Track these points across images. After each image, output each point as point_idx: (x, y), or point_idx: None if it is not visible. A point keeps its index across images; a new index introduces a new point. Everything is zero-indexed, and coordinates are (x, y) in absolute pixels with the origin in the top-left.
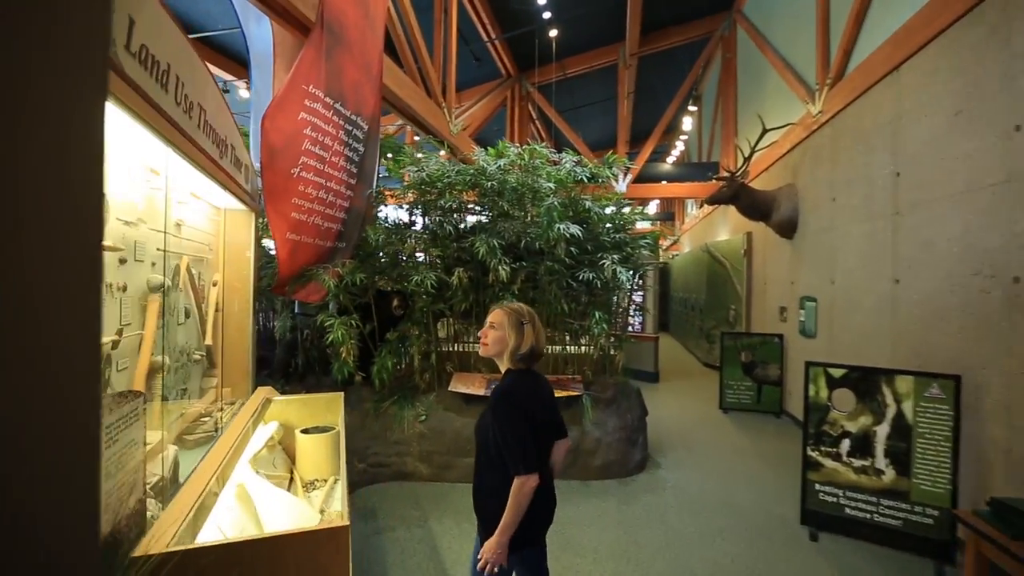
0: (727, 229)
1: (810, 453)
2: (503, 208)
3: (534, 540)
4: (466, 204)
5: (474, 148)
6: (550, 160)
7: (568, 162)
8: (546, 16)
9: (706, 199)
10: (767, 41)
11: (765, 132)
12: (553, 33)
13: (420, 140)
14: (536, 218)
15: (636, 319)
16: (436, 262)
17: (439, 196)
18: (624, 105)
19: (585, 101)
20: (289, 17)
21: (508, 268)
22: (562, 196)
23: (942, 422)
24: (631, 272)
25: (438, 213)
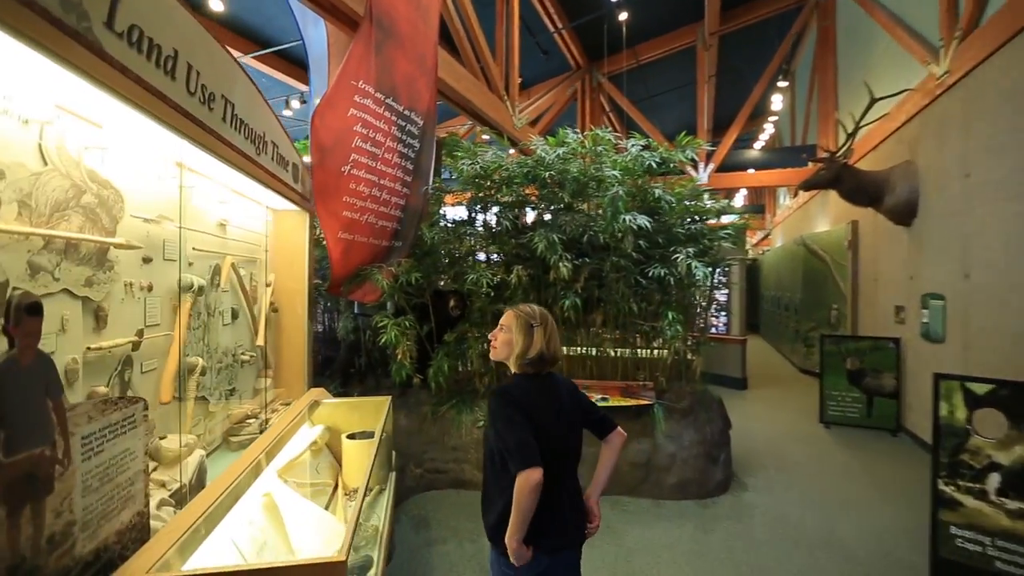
0: (827, 219)
1: (943, 487)
2: (564, 200)
3: (551, 548)
4: (527, 198)
5: (533, 140)
6: (616, 147)
7: (635, 147)
8: (615, 0)
9: (802, 184)
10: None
11: (874, 102)
12: (623, 18)
13: (490, 139)
14: (600, 210)
15: (720, 319)
16: (495, 260)
17: (496, 190)
18: (704, 90)
19: (660, 89)
20: (339, 14)
21: (570, 265)
22: (629, 185)
23: None
24: (710, 267)
25: (496, 208)
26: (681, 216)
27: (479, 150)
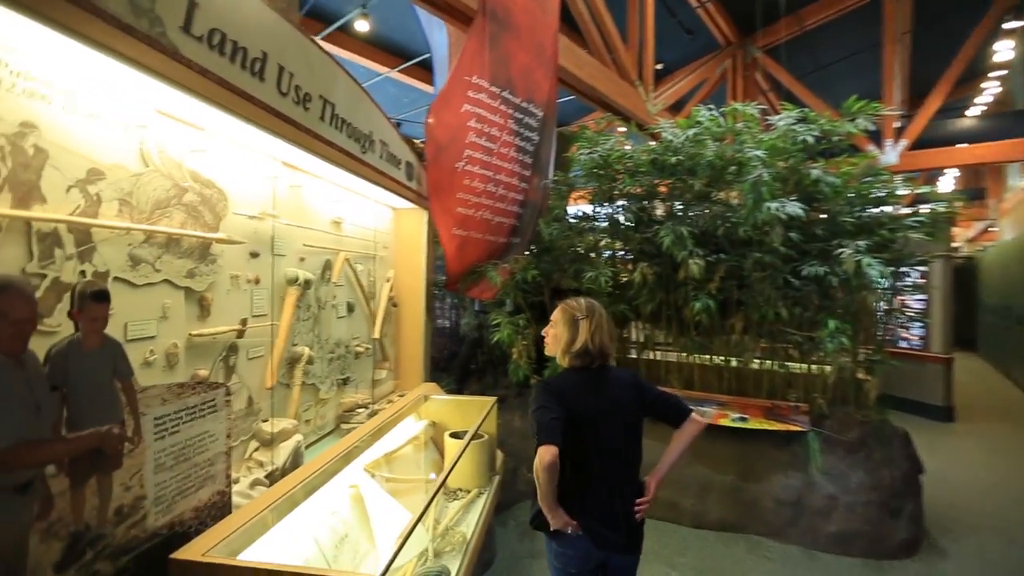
0: None
1: None
2: (695, 189)
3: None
4: (655, 189)
5: (660, 123)
6: (762, 123)
7: (785, 121)
8: None
9: None
10: None
11: None
12: None
13: (628, 131)
14: (741, 198)
15: (913, 332)
16: (617, 257)
17: (618, 181)
18: (892, 51)
19: (833, 57)
20: (455, 12)
21: (702, 262)
22: (780, 168)
23: None
24: (890, 265)
25: (621, 201)
26: (850, 202)
27: (600, 139)
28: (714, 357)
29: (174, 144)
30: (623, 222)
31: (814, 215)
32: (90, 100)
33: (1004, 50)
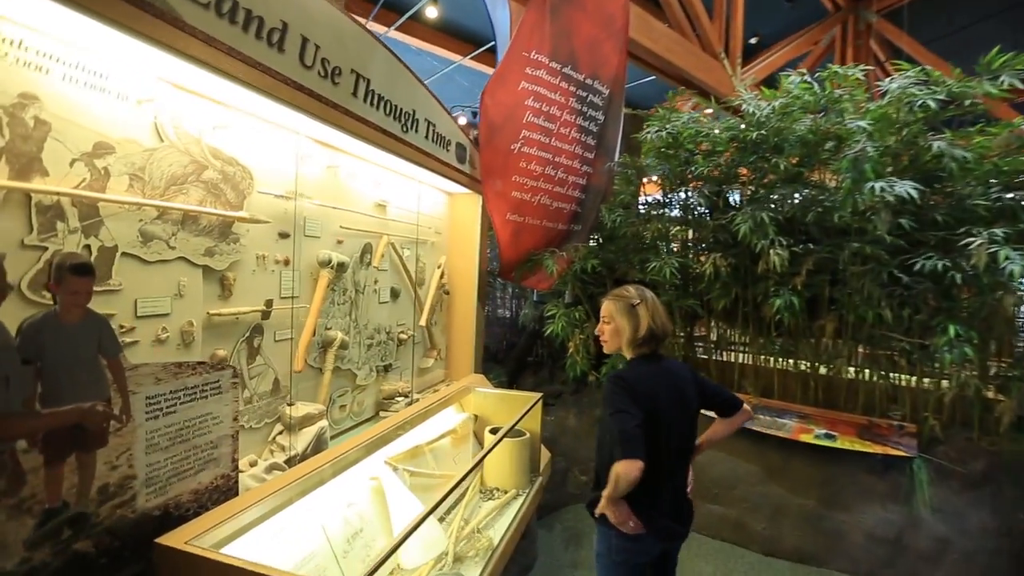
0: None
1: None
2: (781, 169)
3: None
4: (734, 169)
5: (742, 96)
6: (875, 91)
7: (898, 84)
8: None
9: None
10: None
11: None
12: None
13: (709, 109)
14: (838, 178)
15: None
16: (689, 246)
17: (692, 164)
18: None
19: (970, 19)
20: None
21: (785, 252)
22: (894, 141)
23: None
24: None
25: (691, 184)
26: (985, 182)
27: (673, 116)
28: (799, 362)
29: (192, 119)
30: (696, 208)
31: (934, 198)
32: (99, 74)
33: None
